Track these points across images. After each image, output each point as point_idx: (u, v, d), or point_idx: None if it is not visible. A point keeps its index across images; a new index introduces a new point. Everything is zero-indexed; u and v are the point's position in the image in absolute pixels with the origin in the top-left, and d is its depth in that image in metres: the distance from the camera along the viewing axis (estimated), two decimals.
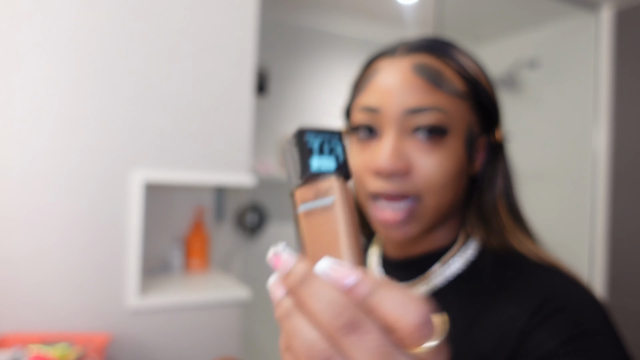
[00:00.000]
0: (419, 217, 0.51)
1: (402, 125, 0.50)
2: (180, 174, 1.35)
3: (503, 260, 0.52)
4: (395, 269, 0.58)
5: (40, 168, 1.19)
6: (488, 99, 0.53)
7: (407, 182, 0.49)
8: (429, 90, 0.49)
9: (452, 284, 0.53)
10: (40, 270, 1.19)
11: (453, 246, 0.55)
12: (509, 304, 0.48)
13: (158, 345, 1.31)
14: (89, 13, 1.24)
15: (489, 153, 0.55)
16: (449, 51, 0.52)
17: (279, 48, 2.36)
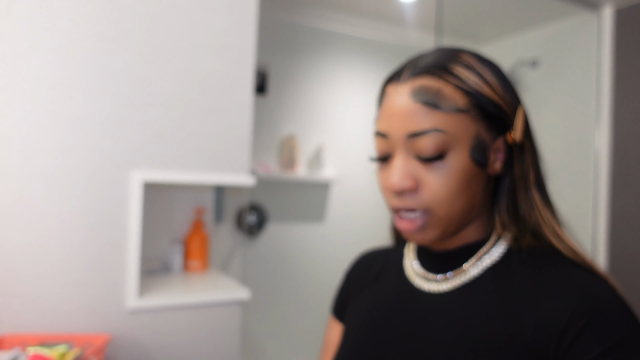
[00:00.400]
0: (433, 226, 0.57)
1: (407, 148, 0.56)
2: (180, 174, 1.34)
3: (539, 255, 0.57)
4: (434, 259, 0.63)
5: (39, 168, 1.18)
6: (493, 106, 0.56)
7: (417, 198, 0.56)
8: (427, 112, 0.54)
9: (488, 275, 0.58)
10: (39, 270, 1.18)
11: (487, 240, 0.60)
12: (550, 300, 0.52)
13: (157, 346, 1.31)
14: (88, 12, 1.23)
15: (509, 152, 0.59)
16: (448, 68, 0.56)
17: (278, 47, 2.35)
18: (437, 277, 0.61)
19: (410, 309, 0.62)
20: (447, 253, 0.62)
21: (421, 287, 0.63)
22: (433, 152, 0.54)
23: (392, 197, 0.58)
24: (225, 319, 1.40)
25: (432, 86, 0.55)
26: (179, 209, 1.61)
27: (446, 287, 0.60)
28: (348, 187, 2.55)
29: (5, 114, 1.15)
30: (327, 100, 2.50)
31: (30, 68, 1.17)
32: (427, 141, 0.54)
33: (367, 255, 0.79)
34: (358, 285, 0.74)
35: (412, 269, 0.66)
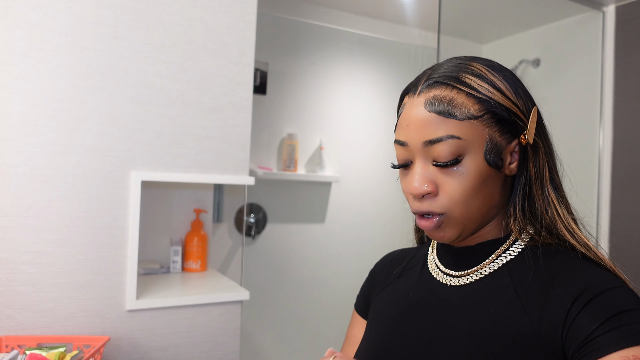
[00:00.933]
0: (451, 226, 0.62)
1: (425, 155, 0.60)
2: (179, 174, 1.33)
3: (555, 251, 0.61)
4: (455, 256, 0.68)
5: (37, 168, 1.18)
6: (505, 111, 0.60)
7: (436, 202, 0.60)
8: (441, 121, 0.58)
9: (505, 270, 0.62)
10: (37, 271, 1.17)
11: (506, 238, 0.64)
12: (556, 291, 0.56)
13: (157, 347, 1.30)
14: (87, 12, 1.23)
15: (523, 153, 0.62)
16: (460, 77, 0.60)
17: (278, 46, 2.34)
18: (458, 272, 0.66)
19: (431, 302, 0.66)
20: (468, 249, 0.66)
21: (443, 281, 0.67)
22: (449, 158, 0.58)
23: (412, 201, 0.63)
24: (225, 320, 1.39)
25: (445, 95, 0.59)
26: (178, 209, 1.61)
27: (466, 281, 0.64)
28: (348, 187, 2.54)
29: (4, 114, 1.14)
30: (327, 100, 2.50)
31: (29, 68, 1.17)
32: (443, 147, 0.58)
33: (392, 254, 0.83)
34: (382, 283, 0.79)
35: (435, 265, 0.70)
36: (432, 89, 0.60)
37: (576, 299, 0.53)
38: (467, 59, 0.63)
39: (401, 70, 2.66)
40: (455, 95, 0.59)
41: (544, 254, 0.60)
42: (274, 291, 2.36)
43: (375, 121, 2.62)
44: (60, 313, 1.20)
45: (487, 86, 0.59)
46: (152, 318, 1.29)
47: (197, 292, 1.35)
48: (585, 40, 2.27)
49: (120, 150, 1.27)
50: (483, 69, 0.61)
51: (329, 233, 2.50)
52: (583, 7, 2.20)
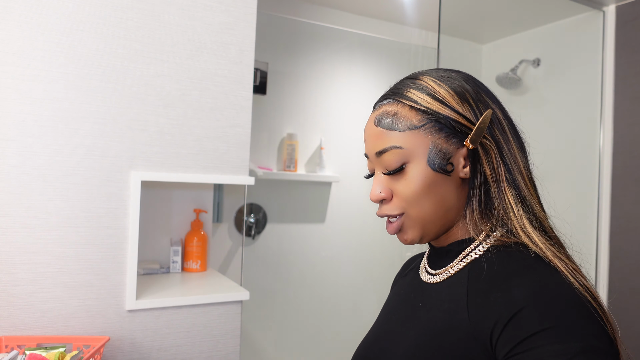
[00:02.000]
0: (411, 226, 0.67)
1: (379, 164, 0.67)
2: (179, 174, 1.33)
3: (510, 252, 0.62)
4: (434, 253, 0.74)
5: (37, 168, 1.18)
6: (446, 119, 0.64)
7: (393, 205, 0.67)
8: (386, 134, 0.66)
9: (467, 269, 0.65)
10: (37, 271, 1.17)
11: (472, 240, 0.67)
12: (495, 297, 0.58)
13: (156, 347, 1.30)
14: (87, 12, 1.23)
15: (473, 157, 0.65)
16: (404, 92, 0.66)
17: (278, 45, 2.34)
18: (434, 270, 0.71)
19: (411, 298, 0.72)
20: (442, 249, 0.71)
21: (424, 279, 0.72)
22: (394, 166, 0.65)
23: (378, 207, 0.69)
24: (225, 320, 1.39)
25: (391, 110, 0.66)
26: (178, 209, 1.60)
27: (438, 279, 0.69)
28: (348, 187, 2.54)
29: (4, 114, 1.14)
30: (327, 100, 2.49)
31: (28, 68, 1.17)
32: (388, 157, 0.65)
33: (411, 258, 0.89)
34: (395, 282, 0.87)
35: (423, 264, 0.76)
36: (383, 105, 0.68)
37: (504, 311, 0.55)
38: (418, 73, 0.69)
39: (401, 70, 2.66)
40: (399, 109, 0.66)
41: (498, 255, 0.62)
42: (274, 291, 2.36)
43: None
44: (60, 313, 1.19)
45: (427, 98, 0.65)
46: (152, 318, 1.29)
47: (197, 292, 1.35)
48: (585, 40, 2.27)
49: (120, 150, 1.27)
50: (430, 81, 0.66)
51: (329, 233, 2.50)
52: (583, 7, 2.20)
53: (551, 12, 2.35)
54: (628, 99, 2.12)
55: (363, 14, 2.51)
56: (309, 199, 2.46)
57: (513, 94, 2.51)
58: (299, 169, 2.41)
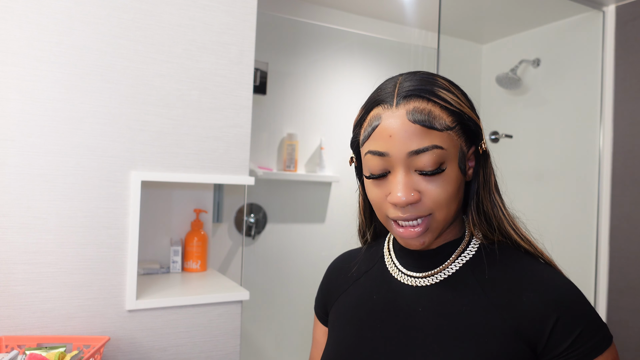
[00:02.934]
0: (433, 229, 0.64)
1: (408, 164, 0.62)
2: (179, 174, 1.33)
3: (506, 249, 0.67)
4: (417, 257, 0.70)
5: (37, 168, 1.18)
6: (471, 122, 0.65)
7: (420, 207, 0.63)
8: (425, 132, 0.61)
9: (469, 269, 0.66)
10: (37, 271, 1.17)
11: (462, 239, 0.69)
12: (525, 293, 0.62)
13: (157, 347, 1.30)
14: (86, 12, 1.23)
15: (478, 161, 0.68)
16: (433, 91, 0.63)
17: (278, 45, 2.34)
18: (421, 273, 0.69)
19: (398, 303, 0.69)
20: (429, 252, 0.69)
21: (407, 283, 0.70)
22: (434, 167, 0.61)
23: (392, 210, 0.64)
24: (225, 320, 1.39)
25: (424, 108, 0.62)
26: (178, 209, 1.60)
27: (432, 281, 0.67)
28: (348, 187, 2.54)
29: (4, 114, 1.14)
30: (327, 100, 2.49)
31: (29, 68, 1.17)
32: (427, 157, 0.61)
33: (344, 257, 0.86)
34: (338, 287, 0.80)
35: (394, 267, 0.73)
36: (410, 101, 0.62)
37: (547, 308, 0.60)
38: (431, 74, 0.67)
39: (401, 70, 2.65)
40: (432, 107, 0.62)
41: (499, 253, 0.66)
42: (274, 291, 2.36)
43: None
44: (60, 313, 1.20)
45: (456, 99, 0.64)
46: (152, 318, 1.29)
47: (197, 292, 1.35)
48: (585, 40, 2.27)
49: (120, 150, 1.27)
50: (447, 83, 0.66)
51: (329, 233, 2.50)
52: (583, 7, 2.20)
53: (551, 12, 2.35)
54: (628, 99, 2.12)
55: (363, 14, 2.52)
56: (309, 199, 2.46)
57: (513, 94, 2.51)
58: (299, 169, 2.41)
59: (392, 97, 0.64)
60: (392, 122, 0.62)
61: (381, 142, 0.63)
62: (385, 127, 0.63)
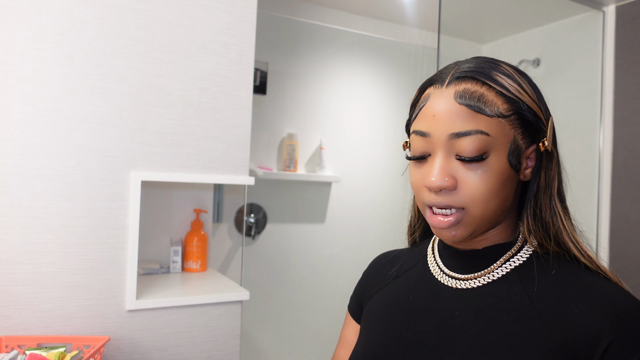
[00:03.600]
0: (466, 224, 0.59)
1: (448, 148, 0.58)
2: (179, 174, 1.33)
3: (561, 261, 0.61)
4: (460, 258, 0.65)
5: (37, 168, 1.18)
6: (531, 113, 0.59)
7: (454, 196, 0.58)
8: (471, 115, 0.57)
9: (516, 276, 0.61)
10: (37, 271, 1.17)
11: (513, 243, 0.63)
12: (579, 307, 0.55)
13: (157, 347, 1.30)
14: (87, 12, 1.23)
15: (539, 160, 0.62)
16: (491, 74, 0.59)
17: (278, 45, 2.34)
18: (464, 275, 0.64)
19: (435, 304, 0.64)
20: (475, 253, 0.64)
21: (447, 284, 0.65)
22: (475, 153, 0.57)
23: (427, 194, 0.60)
24: (225, 320, 1.39)
25: (476, 90, 0.58)
26: (178, 209, 1.60)
27: (474, 284, 0.62)
28: (348, 187, 2.54)
29: (4, 114, 1.14)
30: (327, 100, 2.49)
31: (29, 68, 1.17)
32: (469, 142, 0.57)
33: (386, 255, 0.81)
34: (376, 284, 0.77)
35: (437, 267, 0.68)
36: (462, 82, 0.59)
37: (605, 324, 0.53)
38: (494, 59, 0.62)
39: (401, 70, 2.66)
40: (485, 91, 0.58)
41: (553, 264, 0.60)
42: (274, 291, 2.36)
43: (375, 121, 2.62)
44: (60, 313, 1.20)
45: (517, 87, 0.59)
46: (152, 318, 1.29)
47: (197, 292, 1.35)
48: (585, 40, 2.27)
49: (120, 150, 1.27)
50: (511, 69, 0.61)
51: (329, 233, 2.50)
52: (583, 7, 2.20)
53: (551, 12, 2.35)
54: (628, 99, 2.12)
55: (363, 14, 2.51)
56: (309, 199, 2.46)
57: None
58: (299, 169, 2.41)
59: (446, 78, 0.60)
60: (438, 101, 0.59)
61: (425, 122, 0.60)
62: (431, 106, 0.60)
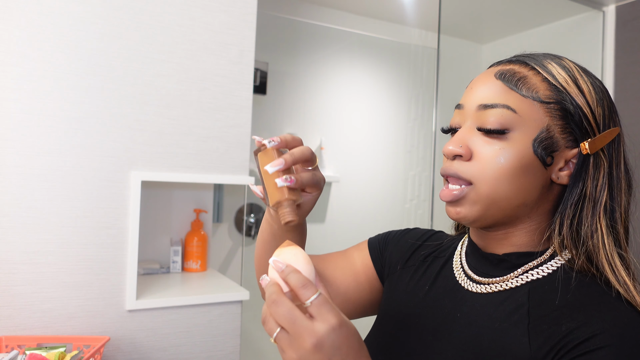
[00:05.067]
0: (471, 202, 0.57)
1: (475, 119, 0.57)
2: (179, 174, 1.33)
3: (589, 281, 0.55)
4: (481, 260, 0.63)
5: (37, 168, 1.18)
6: (577, 110, 0.56)
7: (465, 167, 0.57)
8: (503, 90, 0.56)
9: (526, 288, 0.57)
10: (37, 271, 1.17)
11: (539, 254, 0.58)
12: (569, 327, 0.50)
13: (156, 347, 1.30)
14: (86, 12, 1.23)
15: (582, 166, 0.57)
16: (542, 62, 0.58)
17: (277, 45, 2.34)
18: (480, 278, 0.61)
19: (444, 303, 0.63)
20: (494, 257, 0.61)
21: (462, 284, 0.63)
22: (496, 125, 0.55)
23: (444, 162, 0.60)
24: (225, 320, 1.39)
25: (519, 72, 0.57)
26: (178, 209, 1.60)
27: (484, 290, 0.60)
28: (348, 187, 2.54)
29: (4, 114, 1.14)
30: (327, 100, 2.49)
31: (29, 68, 1.17)
32: (494, 114, 0.55)
33: (427, 233, 0.78)
34: (406, 253, 0.75)
35: (459, 265, 0.66)
36: (511, 64, 0.59)
37: (577, 344, 0.48)
38: (561, 56, 0.61)
39: (401, 70, 2.66)
40: (530, 75, 0.57)
41: (576, 282, 0.54)
42: None
43: (375, 121, 2.62)
44: (60, 313, 1.20)
45: (567, 78, 0.56)
46: (152, 318, 1.29)
47: (197, 292, 1.35)
48: (585, 40, 2.27)
49: (120, 150, 1.27)
50: (573, 65, 0.59)
51: (329, 233, 2.50)
52: (583, 7, 2.20)
53: (551, 12, 2.35)
54: (628, 99, 2.12)
55: (363, 14, 2.52)
56: None
57: None
58: None
59: (503, 60, 0.61)
60: (480, 77, 0.60)
61: (464, 94, 0.61)
62: (474, 82, 0.60)
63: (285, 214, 0.55)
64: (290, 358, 0.45)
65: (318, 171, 0.59)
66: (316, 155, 0.59)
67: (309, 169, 0.58)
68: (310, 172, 0.58)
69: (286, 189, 0.55)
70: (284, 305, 0.45)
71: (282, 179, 0.54)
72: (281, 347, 0.46)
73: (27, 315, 1.16)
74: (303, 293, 0.46)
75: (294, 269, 0.48)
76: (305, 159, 0.57)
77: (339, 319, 0.46)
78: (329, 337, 0.44)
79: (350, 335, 0.46)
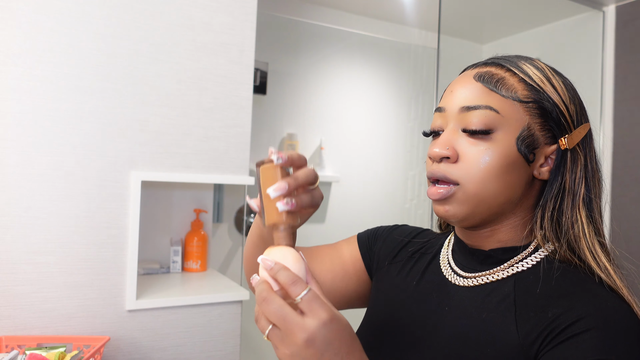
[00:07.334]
0: (459, 201, 0.58)
1: (458, 121, 0.59)
2: (179, 174, 1.33)
3: (572, 270, 0.57)
4: (467, 256, 0.65)
5: (37, 168, 1.18)
6: (553, 107, 0.58)
7: (452, 168, 0.58)
8: (484, 92, 0.58)
9: (512, 280, 0.59)
10: (37, 271, 1.17)
11: (523, 248, 0.61)
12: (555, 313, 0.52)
13: (157, 347, 1.30)
14: (87, 11, 1.23)
15: (560, 160, 0.60)
16: (517, 63, 0.60)
17: (278, 45, 2.34)
18: (466, 273, 0.63)
19: (432, 297, 0.65)
20: (480, 252, 0.63)
21: (449, 279, 0.65)
22: (480, 126, 0.57)
23: (430, 165, 0.61)
24: (225, 320, 1.39)
25: (497, 73, 0.59)
26: (178, 209, 1.60)
27: (471, 283, 0.62)
28: (348, 187, 2.54)
29: (4, 114, 1.14)
30: (327, 100, 2.49)
31: (29, 68, 1.17)
32: (477, 115, 0.57)
33: (415, 231, 0.80)
34: (393, 250, 0.77)
35: (446, 260, 0.68)
36: (487, 66, 0.61)
37: (564, 328, 0.50)
38: (532, 58, 0.63)
39: (401, 70, 2.66)
40: (507, 76, 0.59)
41: (559, 271, 0.57)
42: None
43: (375, 121, 2.62)
44: (60, 313, 1.20)
45: (542, 77, 0.59)
46: (152, 318, 1.29)
47: (197, 292, 1.35)
48: (585, 40, 2.27)
49: (120, 150, 1.27)
50: (545, 66, 0.61)
51: (329, 233, 2.50)
52: (583, 7, 2.20)
53: (551, 12, 2.35)
54: (628, 99, 2.12)
55: (363, 14, 2.51)
56: None
57: None
58: None
59: (478, 63, 0.63)
60: (458, 80, 0.62)
61: (443, 98, 0.63)
62: (453, 85, 0.62)
63: (280, 238, 0.53)
64: (283, 354, 0.46)
65: (318, 190, 0.59)
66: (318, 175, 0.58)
67: (310, 187, 0.57)
68: (310, 194, 0.57)
69: (285, 213, 0.53)
70: (274, 303, 0.46)
71: (283, 203, 0.52)
72: (274, 344, 0.47)
73: (27, 315, 1.16)
74: (293, 290, 0.46)
75: (283, 266, 0.48)
76: (309, 182, 0.56)
77: (330, 313, 0.46)
78: (320, 332, 0.45)
79: (342, 329, 0.47)
